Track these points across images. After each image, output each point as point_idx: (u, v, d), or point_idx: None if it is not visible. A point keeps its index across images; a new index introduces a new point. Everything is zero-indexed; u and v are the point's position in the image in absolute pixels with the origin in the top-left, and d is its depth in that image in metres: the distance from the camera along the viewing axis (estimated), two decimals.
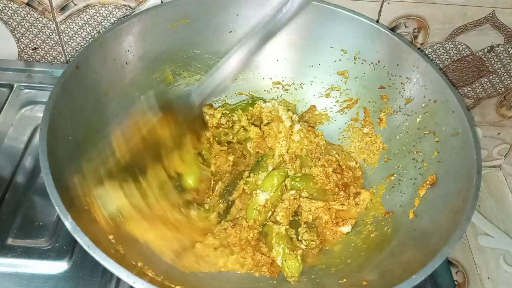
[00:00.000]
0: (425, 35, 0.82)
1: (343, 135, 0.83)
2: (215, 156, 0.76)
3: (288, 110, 0.82)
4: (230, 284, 0.64)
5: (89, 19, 0.82)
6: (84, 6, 0.80)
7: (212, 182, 0.75)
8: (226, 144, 0.79)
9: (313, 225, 0.72)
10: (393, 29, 0.81)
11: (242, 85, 0.85)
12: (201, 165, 0.74)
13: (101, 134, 0.69)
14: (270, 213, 0.71)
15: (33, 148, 0.77)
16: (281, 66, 0.84)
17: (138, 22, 0.73)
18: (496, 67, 0.86)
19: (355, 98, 0.82)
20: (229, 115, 0.81)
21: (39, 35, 0.85)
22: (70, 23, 0.83)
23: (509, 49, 0.83)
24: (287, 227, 0.70)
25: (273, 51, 0.83)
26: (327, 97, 0.84)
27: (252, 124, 0.81)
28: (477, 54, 0.84)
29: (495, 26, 0.79)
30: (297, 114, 0.83)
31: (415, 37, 0.82)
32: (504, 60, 0.84)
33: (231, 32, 0.80)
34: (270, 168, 0.75)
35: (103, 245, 0.51)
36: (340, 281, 0.64)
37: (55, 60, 0.90)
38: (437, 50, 0.84)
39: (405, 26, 0.81)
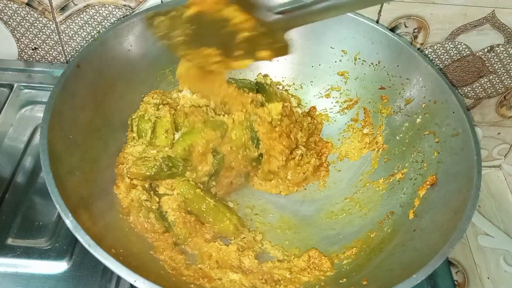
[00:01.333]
0: (425, 35, 0.82)
1: (343, 136, 0.83)
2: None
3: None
4: None
5: (89, 19, 0.82)
6: (84, 6, 0.80)
7: None
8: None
9: None
10: (393, 29, 0.81)
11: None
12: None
13: (101, 133, 0.69)
14: None
15: (33, 148, 0.77)
16: (281, 67, 0.84)
17: (139, 22, 0.73)
18: (496, 67, 0.86)
19: (355, 99, 0.82)
20: None
21: (39, 35, 0.85)
22: (70, 23, 0.83)
23: (509, 49, 0.83)
24: None
25: None
26: (327, 97, 0.85)
27: None
28: (477, 54, 0.84)
29: (495, 26, 0.79)
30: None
31: (415, 37, 0.82)
32: (504, 60, 0.85)
33: None
34: None
35: (104, 244, 0.51)
36: (341, 281, 0.64)
37: (55, 60, 0.90)
38: (437, 50, 0.84)
39: (405, 26, 0.81)
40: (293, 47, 0.81)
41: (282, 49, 0.61)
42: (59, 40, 0.86)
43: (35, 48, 0.87)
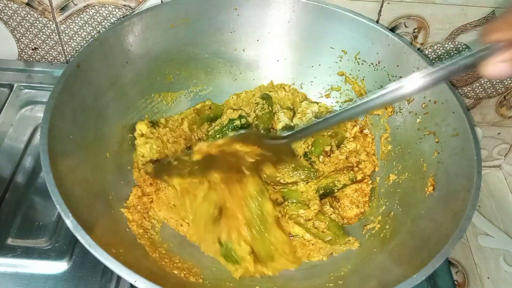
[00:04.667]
0: (425, 35, 0.82)
1: None
2: None
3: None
4: None
5: (89, 19, 0.82)
6: (84, 6, 0.80)
7: None
8: None
9: None
10: (393, 29, 0.81)
11: (242, 85, 0.85)
12: None
13: (101, 133, 0.69)
14: None
15: (33, 148, 0.77)
16: (281, 67, 0.84)
17: (139, 22, 0.73)
18: None
19: (355, 99, 0.82)
20: None
21: (39, 35, 0.85)
22: (70, 23, 0.83)
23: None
24: None
25: (273, 52, 0.83)
26: (327, 97, 0.85)
27: None
28: None
29: None
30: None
31: (415, 37, 0.82)
32: None
33: (231, 32, 0.81)
34: None
35: (104, 244, 0.51)
36: (340, 282, 0.64)
37: (55, 60, 0.90)
38: (437, 50, 0.84)
39: (405, 26, 0.81)
40: (293, 48, 0.82)
41: (287, 160, 0.73)
42: (59, 40, 0.86)
43: (35, 48, 0.87)
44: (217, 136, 0.78)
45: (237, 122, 0.79)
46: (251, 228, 0.67)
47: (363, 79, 0.80)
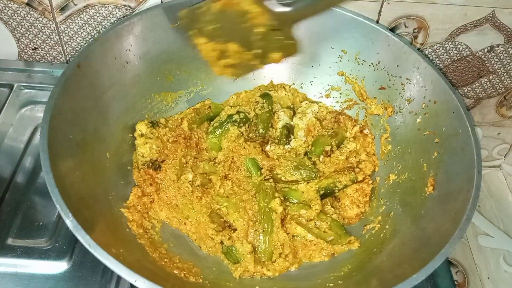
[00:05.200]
0: (425, 35, 0.82)
1: None
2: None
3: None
4: None
5: (89, 19, 0.82)
6: (84, 6, 0.80)
7: None
8: None
9: None
10: (393, 29, 0.81)
11: (243, 85, 0.85)
12: None
13: (101, 133, 0.69)
14: None
15: (33, 148, 0.77)
16: (281, 66, 0.84)
17: (139, 22, 0.73)
18: (496, 67, 0.86)
19: (355, 99, 0.82)
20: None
21: (39, 35, 0.85)
22: (70, 23, 0.83)
23: (509, 49, 0.83)
24: None
25: None
26: (327, 97, 0.85)
27: None
28: (477, 54, 0.84)
29: (495, 26, 0.79)
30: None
31: (415, 37, 0.82)
32: (504, 60, 0.85)
33: None
34: None
35: (104, 244, 0.51)
36: (340, 282, 0.64)
37: (55, 60, 0.90)
38: (437, 50, 0.84)
39: (405, 26, 0.81)
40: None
41: (291, 48, 0.71)
42: (59, 40, 0.86)
43: (35, 48, 0.87)
44: (217, 132, 0.78)
45: (236, 117, 0.79)
46: (255, 226, 0.67)
47: (363, 79, 0.80)
